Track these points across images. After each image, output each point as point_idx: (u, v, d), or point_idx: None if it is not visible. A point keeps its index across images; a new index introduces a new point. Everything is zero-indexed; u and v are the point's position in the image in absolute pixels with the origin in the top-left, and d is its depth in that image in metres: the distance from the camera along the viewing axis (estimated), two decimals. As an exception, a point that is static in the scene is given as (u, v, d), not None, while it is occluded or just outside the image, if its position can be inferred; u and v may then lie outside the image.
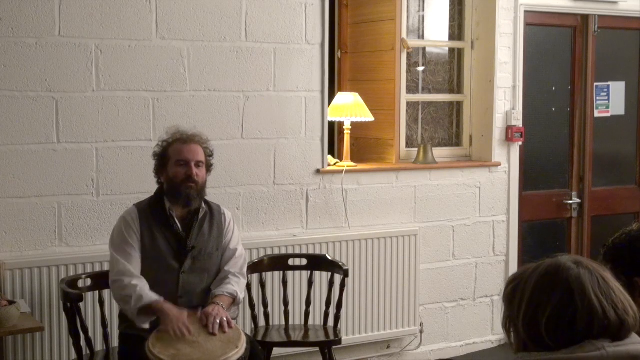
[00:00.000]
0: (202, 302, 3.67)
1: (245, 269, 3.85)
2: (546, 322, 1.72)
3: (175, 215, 3.69)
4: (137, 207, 3.73)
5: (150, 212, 3.69)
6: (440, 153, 5.51)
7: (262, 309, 4.41)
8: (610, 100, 6.08)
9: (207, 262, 3.73)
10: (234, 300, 3.68)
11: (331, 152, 5.27)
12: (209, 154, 3.80)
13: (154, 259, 3.64)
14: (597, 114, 6.04)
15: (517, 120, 5.60)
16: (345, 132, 5.12)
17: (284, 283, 4.46)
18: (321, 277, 4.72)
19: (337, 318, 4.36)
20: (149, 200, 3.76)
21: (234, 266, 3.76)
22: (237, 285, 3.71)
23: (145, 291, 3.54)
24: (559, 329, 1.72)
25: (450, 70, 5.70)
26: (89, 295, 4.09)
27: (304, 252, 4.77)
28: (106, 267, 3.94)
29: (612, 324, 1.72)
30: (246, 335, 3.60)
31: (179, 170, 3.66)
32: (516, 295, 1.80)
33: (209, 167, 3.79)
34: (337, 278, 4.43)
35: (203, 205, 3.75)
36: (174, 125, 3.90)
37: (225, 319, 3.49)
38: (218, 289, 3.67)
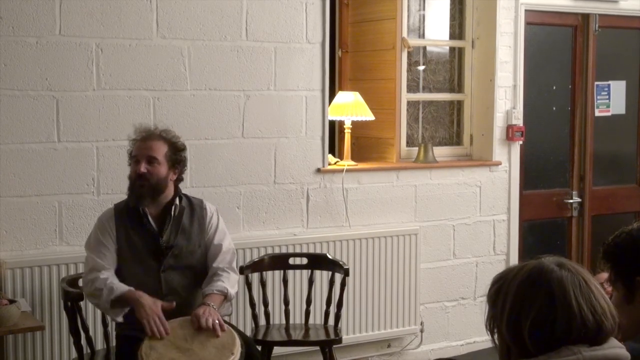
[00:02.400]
0: (191, 299, 3.60)
1: (234, 263, 3.73)
2: (529, 326, 1.71)
3: (149, 214, 3.62)
4: (115, 207, 3.69)
5: (126, 211, 3.63)
6: (440, 152, 5.51)
7: (262, 308, 4.40)
8: (611, 99, 6.07)
9: (190, 259, 3.65)
10: (225, 297, 3.57)
11: (332, 151, 5.27)
12: (179, 149, 3.66)
13: (133, 259, 3.59)
14: (597, 113, 6.03)
15: (518, 120, 5.59)
16: (346, 131, 5.11)
17: (285, 282, 4.46)
18: (322, 276, 4.71)
19: (337, 317, 4.36)
20: (126, 200, 3.69)
21: (221, 262, 3.65)
22: (227, 281, 3.59)
23: (115, 283, 3.48)
24: (541, 333, 1.70)
25: (450, 70, 5.69)
26: (89, 294, 4.10)
27: (305, 251, 4.76)
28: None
29: (590, 329, 1.70)
30: (241, 336, 3.51)
31: (131, 168, 3.64)
32: (499, 296, 1.78)
33: (175, 164, 3.64)
34: (338, 277, 4.43)
35: (177, 202, 3.66)
36: (141, 124, 3.83)
37: (217, 321, 3.37)
38: (207, 287, 3.57)
